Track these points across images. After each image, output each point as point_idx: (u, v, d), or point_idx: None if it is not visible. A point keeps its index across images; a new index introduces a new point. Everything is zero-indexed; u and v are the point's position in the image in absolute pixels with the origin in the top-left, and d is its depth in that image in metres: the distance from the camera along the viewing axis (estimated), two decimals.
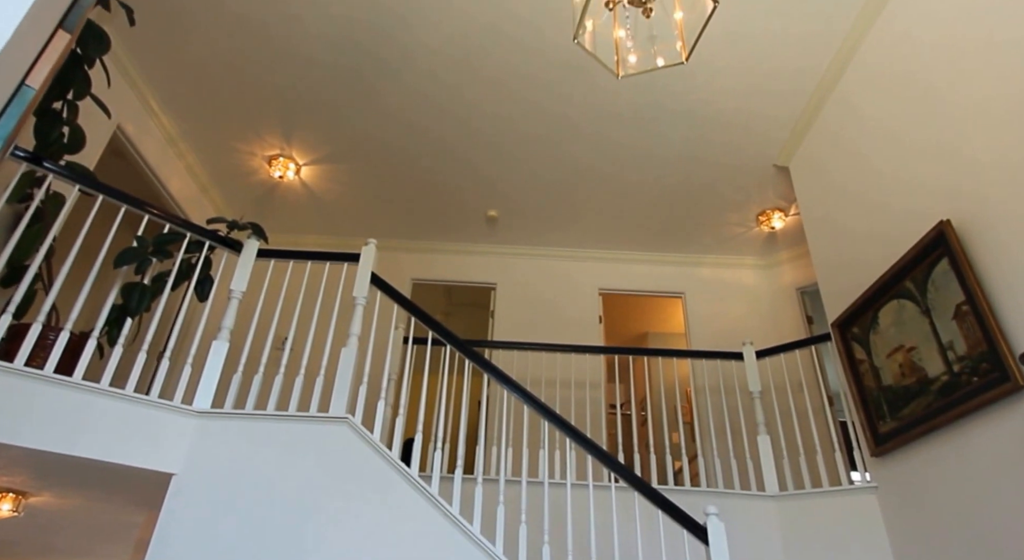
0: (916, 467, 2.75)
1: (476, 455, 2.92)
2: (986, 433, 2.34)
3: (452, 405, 3.59)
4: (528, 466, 3.66)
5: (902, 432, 2.79)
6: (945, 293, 2.55)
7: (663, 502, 2.61)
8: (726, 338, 5.02)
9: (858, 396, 3.15)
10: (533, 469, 4.08)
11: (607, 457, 2.77)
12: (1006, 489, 2.23)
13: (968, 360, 2.41)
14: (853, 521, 3.08)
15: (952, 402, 2.48)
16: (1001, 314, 2.28)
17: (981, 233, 2.40)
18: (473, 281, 5.44)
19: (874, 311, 3.05)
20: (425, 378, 3.13)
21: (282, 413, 2.72)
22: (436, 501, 2.57)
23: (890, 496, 2.95)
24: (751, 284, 5.33)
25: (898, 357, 2.86)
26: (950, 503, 2.52)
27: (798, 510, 3.29)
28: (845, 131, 3.47)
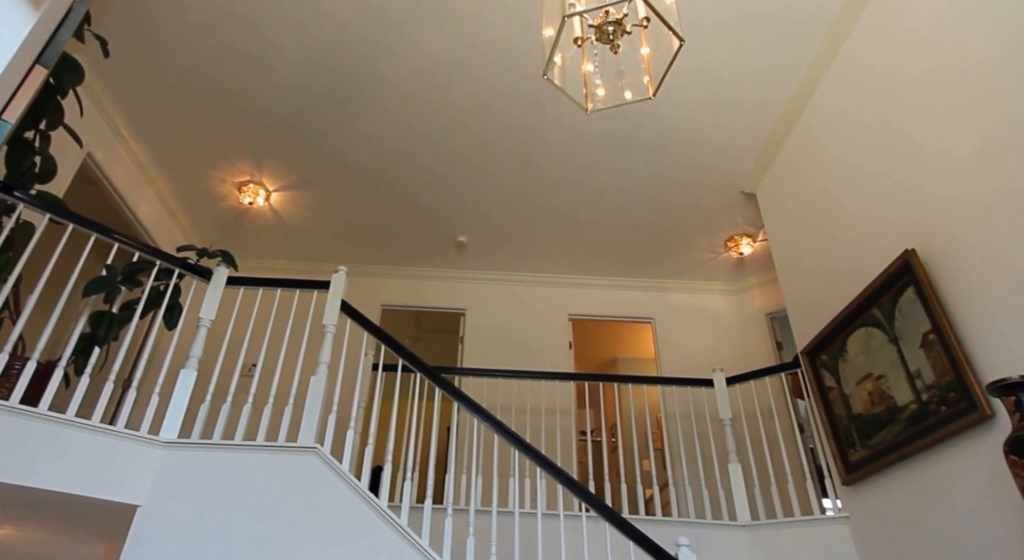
0: (888, 496, 2.71)
1: (446, 484, 2.78)
2: (957, 462, 2.31)
3: (422, 433, 3.45)
4: (498, 495, 3.53)
5: (873, 461, 2.76)
6: (912, 321, 2.55)
7: (634, 533, 2.51)
8: (696, 363, 4.99)
9: (828, 424, 3.12)
10: (503, 498, 3.94)
11: (577, 486, 2.67)
12: (977, 519, 2.19)
13: (936, 389, 2.39)
14: (825, 551, 3.02)
15: (922, 431, 2.46)
16: (967, 343, 2.27)
17: (946, 264, 2.41)
18: (442, 307, 5.33)
19: (843, 339, 3.04)
20: (395, 405, 3.00)
21: (250, 443, 2.58)
22: (406, 533, 2.43)
23: (862, 525, 2.90)
24: (720, 309, 5.34)
25: (867, 385, 2.84)
26: (922, 533, 2.48)
27: (770, 540, 3.22)
28: (808, 163, 3.51)
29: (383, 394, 3.36)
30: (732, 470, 3.53)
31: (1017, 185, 2.11)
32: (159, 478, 2.47)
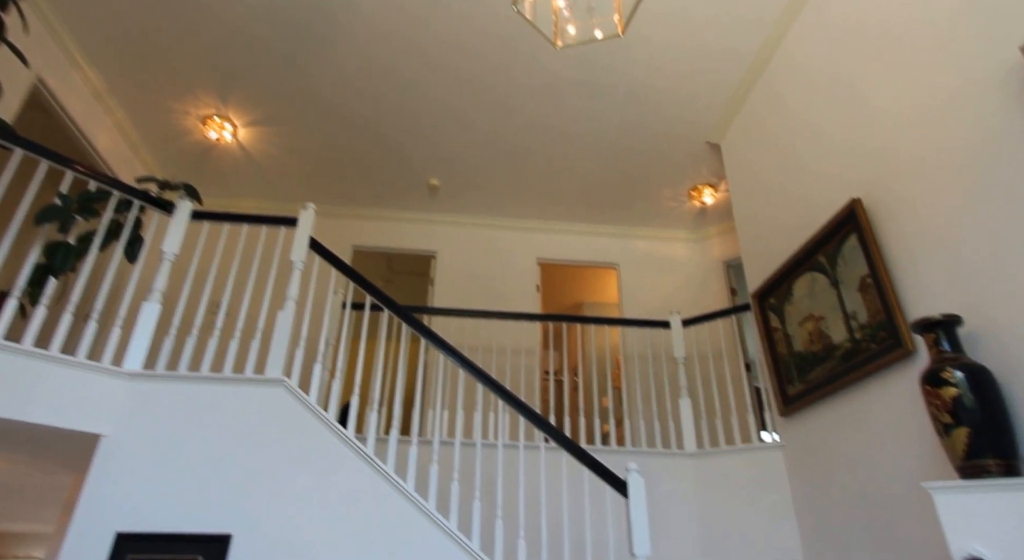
0: (817, 426, 2.90)
1: (412, 418, 2.87)
2: (880, 394, 2.47)
3: (390, 370, 3.51)
4: (463, 428, 3.65)
5: (808, 394, 2.93)
6: (852, 267, 2.66)
7: (588, 460, 2.65)
8: (657, 307, 5.13)
9: (771, 361, 3.28)
10: (468, 431, 4.07)
11: (538, 418, 2.78)
12: (893, 442, 2.37)
13: (868, 328, 2.53)
14: (761, 476, 3.23)
15: (852, 366, 2.61)
16: (899, 287, 2.39)
17: (886, 214, 2.50)
18: (414, 249, 5.32)
19: (789, 283, 3.16)
20: (363, 343, 3.04)
21: (216, 375, 2.59)
22: (372, 461, 2.52)
23: (794, 452, 3.10)
24: (681, 257, 5.45)
25: (808, 325, 2.98)
26: (844, 456, 2.68)
27: (712, 466, 3.43)
28: (770, 115, 3.53)
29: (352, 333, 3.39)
30: (683, 404, 3.71)
31: (952, 145, 2.18)
32: (124, 409, 2.47)
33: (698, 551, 3.29)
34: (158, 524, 2.29)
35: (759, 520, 3.16)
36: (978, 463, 1.82)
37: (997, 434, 1.83)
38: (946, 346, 2.00)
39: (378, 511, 2.43)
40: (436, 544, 2.38)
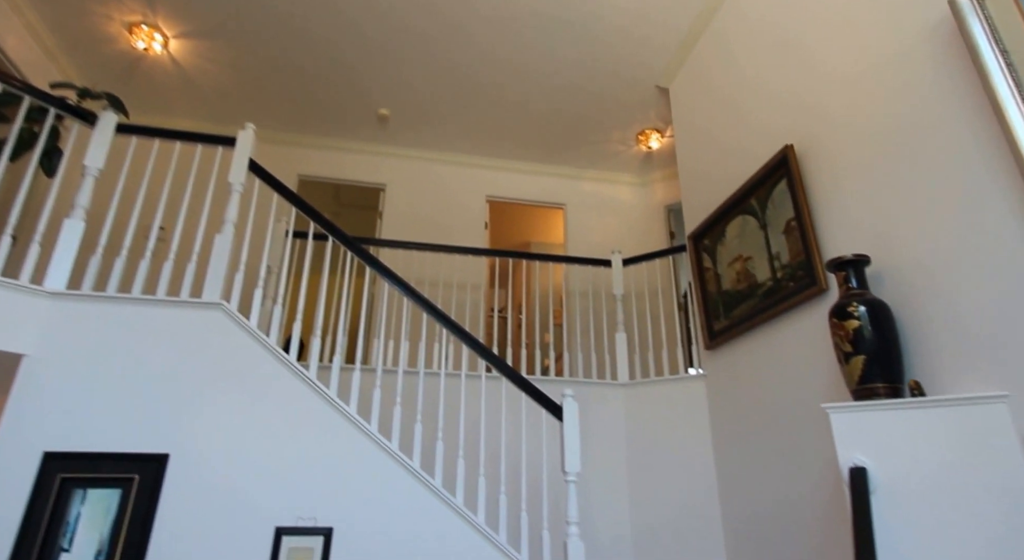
0: (738, 358, 3.10)
1: (357, 347, 2.87)
2: (794, 328, 2.65)
3: (334, 300, 3.47)
4: (407, 358, 3.70)
5: (731, 329, 3.11)
6: (780, 210, 2.77)
7: (527, 387, 2.75)
8: (600, 249, 5.23)
9: (701, 299, 3.43)
10: (412, 361, 4.12)
11: (481, 347, 2.84)
12: (802, 371, 2.57)
13: (789, 268, 2.67)
14: (684, 403, 3.45)
15: (772, 303, 2.77)
16: (819, 230, 2.52)
17: (815, 162, 2.60)
18: (362, 181, 5.15)
19: (723, 225, 3.27)
20: (306, 271, 2.97)
21: (149, 297, 2.49)
22: (313, 384, 2.53)
23: (715, 382, 3.32)
24: (626, 200, 5.52)
25: (737, 265, 3.12)
26: (758, 384, 2.89)
27: (642, 395, 3.63)
28: (716, 63, 3.54)
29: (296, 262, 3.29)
30: (618, 339, 3.87)
31: (877, 99, 2.26)
32: (47, 329, 2.35)
33: (625, 472, 3.52)
34: (91, 444, 2.24)
35: (680, 444, 3.39)
36: (869, 387, 2.00)
37: (887, 362, 2.01)
38: (854, 283, 2.15)
39: (319, 432, 2.46)
40: (378, 462, 2.45)
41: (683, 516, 3.24)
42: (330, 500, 2.36)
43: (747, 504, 2.90)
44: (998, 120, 1.78)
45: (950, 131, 1.97)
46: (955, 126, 1.95)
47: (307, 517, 2.26)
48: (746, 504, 2.91)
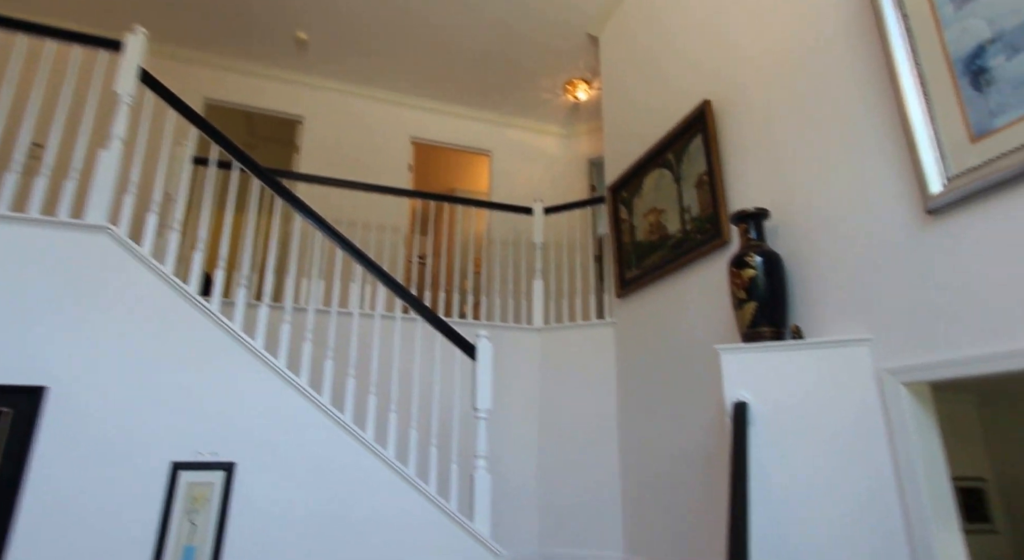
0: (646, 306, 3.22)
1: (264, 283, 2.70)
2: (698, 277, 2.78)
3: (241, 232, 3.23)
4: (323, 296, 3.55)
5: (641, 278, 3.21)
6: (694, 165, 2.84)
7: (442, 326, 2.72)
8: (523, 198, 5.21)
9: (616, 249, 3.52)
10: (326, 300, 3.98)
11: (397, 285, 2.76)
12: (702, 316, 2.72)
13: (698, 221, 2.77)
14: (594, 347, 3.58)
15: (680, 254, 2.88)
16: (728, 184, 2.62)
17: (730, 117, 2.66)
18: (278, 111, 4.77)
19: (641, 178, 3.33)
20: (208, 200, 2.73)
21: (20, 215, 2.19)
22: (215, 316, 2.37)
23: (623, 329, 3.45)
24: (551, 151, 5.50)
25: (651, 217, 3.20)
26: (662, 330, 3.03)
27: (555, 339, 3.72)
28: (644, 13, 3.51)
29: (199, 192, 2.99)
30: (536, 286, 3.91)
31: (785, 70, 2.32)
32: None
33: (536, 412, 3.64)
34: None
35: (588, 385, 3.53)
36: (757, 330, 2.14)
37: (775, 308, 2.15)
38: (754, 235, 2.26)
39: (222, 366, 2.33)
40: (286, 398, 2.36)
41: (586, 451, 3.41)
42: (233, 435, 2.26)
43: (643, 440, 3.09)
44: (893, 92, 1.88)
45: (846, 101, 2.07)
46: (850, 97, 2.05)
47: (208, 452, 2.16)
48: (642, 440, 3.10)
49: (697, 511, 2.57)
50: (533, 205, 4.07)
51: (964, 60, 1.69)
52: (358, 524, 2.27)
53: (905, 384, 1.77)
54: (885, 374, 1.82)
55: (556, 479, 3.45)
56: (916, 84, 1.82)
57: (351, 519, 2.28)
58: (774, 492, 1.87)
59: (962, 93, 1.69)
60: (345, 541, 2.24)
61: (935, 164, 1.73)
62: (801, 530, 1.80)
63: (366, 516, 2.29)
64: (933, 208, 1.72)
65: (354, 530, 2.26)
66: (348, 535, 2.25)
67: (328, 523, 2.25)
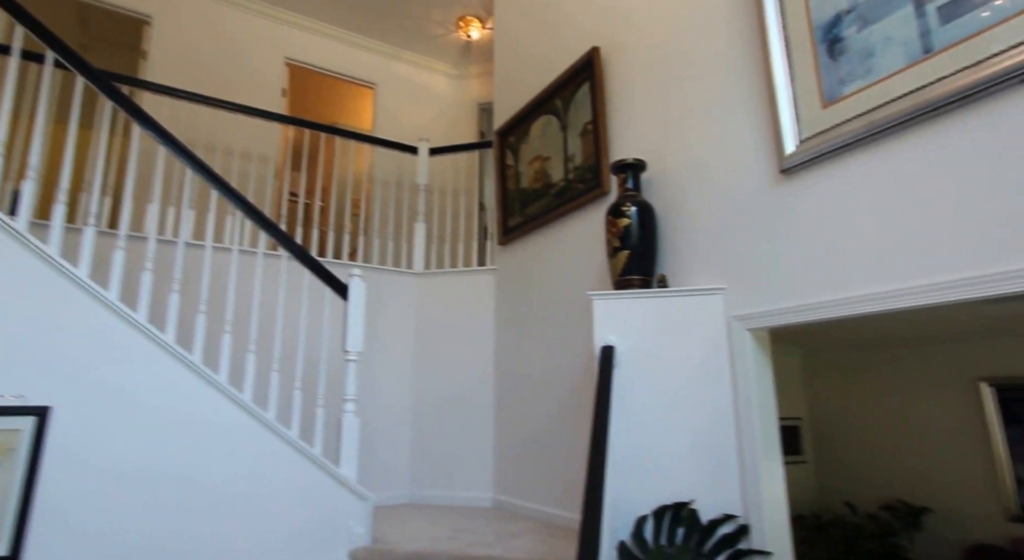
0: (527, 253, 3.24)
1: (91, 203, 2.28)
2: (578, 226, 2.82)
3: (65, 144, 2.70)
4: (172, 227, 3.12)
5: (524, 225, 3.21)
6: (581, 113, 2.83)
7: (311, 263, 2.52)
8: (409, 138, 4.94)
9: (501, 195, 3.47)
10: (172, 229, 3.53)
11: (257, 213, 2.48)
12: (579, 261, 2.78)
13: (581, 170, 2.79)
14: (474, 293, 3.56)
15: (562, 202, 2.90)
16: (612, 134, 2.64)
17: (617, 65, 2.67)
18: (118, 5, 4.01)
19: (528, 124, 3.27)
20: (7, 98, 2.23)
21: None
22: (25, 239, 1.96)
23: (504, 275, 3.45)
24: (440, 91, 5.25)
25: (536, 165, 3.17)
26: (542, 277, 3.07)
27: (436, 285, 3.64)
28: None
29: None
30: (417, 229, 3.77)
31: (673, 24, 2.35)
32: None
33: (412, 356, 3.56)
34: None
35: (466, 331, 3.52)
36: (627, 278, 2.22)
37: (645, 257, 2.23)
38: (631, 185, 2.31)
39: (31, 298, 1.95)
40: (118, 335, 2.05)
41: (461, 395, 3.43)
42: (49, 377, 1.93)
43: (519, 385, 3.16)
44: (763, 54, 1.97)
45: (722, 60, 2.14)
46: (726, 56, 2.12)
47: (10, 395, 1.82)
48: (518, 385, 3.17)
49: (567, 452, 2.70)
50: (418, 144, 3.87)
51: (823, 27, 1.80)
52: (206, 472, 2.08)
53: (750, 330, 1.94)
54: (733, 321, 1.98)
55: (430, 423, 3.45)
56: (782, 47, 1.91)
57: (198, 467, 2.08)
58: (633, 425, 1.99)
59: (820, 59, 1.80)
60: (191, 492, 2.05)
61: (791, 126, 1.85)
62: (654, 455, 1.94)
63: (216, 464, 2.10)
64: (786, 167, 1.85)
65: (201, 479, 2.07)
66: (194, 486, 2.06)
67: (171, 474, 2.04)
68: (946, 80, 1.46)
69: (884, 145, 1.61)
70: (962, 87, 1.42)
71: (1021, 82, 1.35)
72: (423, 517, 2.82)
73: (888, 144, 1.60)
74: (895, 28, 1.61)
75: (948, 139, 1.47)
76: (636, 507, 1.89)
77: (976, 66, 1.41)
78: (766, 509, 1.82)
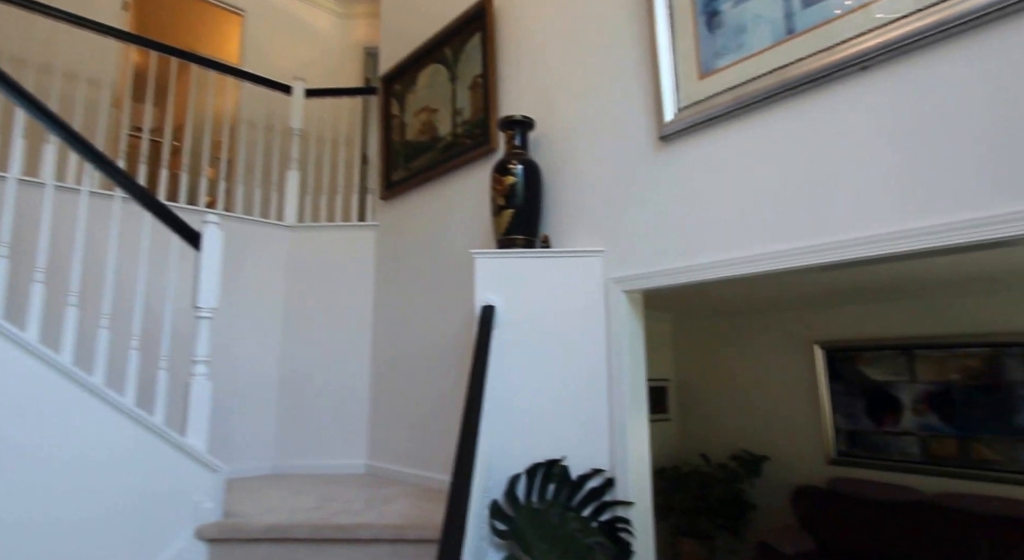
0: (411, 209, 3.12)
1: None
2: (464, 183, 2.76)
3: None
4: None
5: (408, 180, 3.08)
6: (471, 65, 2.74)
7: (154, 205, 2.22)
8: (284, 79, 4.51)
9: (384, 147, 3.30)
10: None
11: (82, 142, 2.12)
12: (465, 222, 2.75)
13: (469, 125, 2.71)
14: (352, 251, 3.38)
15: (449, 158, 2.81)
16: (503, 89, 2.59)
17: (511, 16, 2.59)
18: None
19: (416, 72, 3.11)
20: None
21: None
22: None
23: (386, 232, 3.31)
24: (322, 29, 4.83)
25: (423, 116, 3.04)
26: (426, 235, 3.00)
27: (309, 239, 3.41)
28: None
29: None
30: (290, 177, 3.49)
31: None
32: None
33: (280, 317, 3.33)
34: None
35: (342, 291, 3.35)
36: (511, 237, 2.21)
37: (529, 217, 2.24)
38: (519, 143, 2.28)
39: None
40: None
41: (335, 358, 3.28)
42: None
43: (398, 347, 3.08)
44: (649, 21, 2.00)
45: (611, 23, 2.15)
46: (616, 19, 2.14)
47: None
48: (397, 347, 3.09)
49: (448, 415, 2.68)
50: (293, 84, 3.54)
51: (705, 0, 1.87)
52: (11, 445, 1.79)
53: (625, 292, 2.03)
54: (611, 283, 2.05)
55: (301, 388, 3.26)
56: (667, 15, 1.96)
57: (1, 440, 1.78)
58: (511, 385, 2.01)
59: (699, 31, 1.87)
60: None
61: (672, 94, 1.91)
62: (531, 415, 1.99)
63: (25, 435, 1.82)
64: (664, 134, 1.92)
65: (5, 453, 1.78)
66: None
67: None
68: (804, 61, 1.58)
69: (750, 120, 1.72)
70: (816, 69, 1.54)
71: (863, 69, 1.49)
72: (287, 487, 2.69)
73: (753, 119, 1.71)
74: (765, 6, 1.70)
75: (802, 118, 1.60)
76: (513, 467, 1.93)
77: (828, 50, 1.53)
78: (631, 463, 1.94)
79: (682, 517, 4.61)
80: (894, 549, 3.59)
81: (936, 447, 3.68)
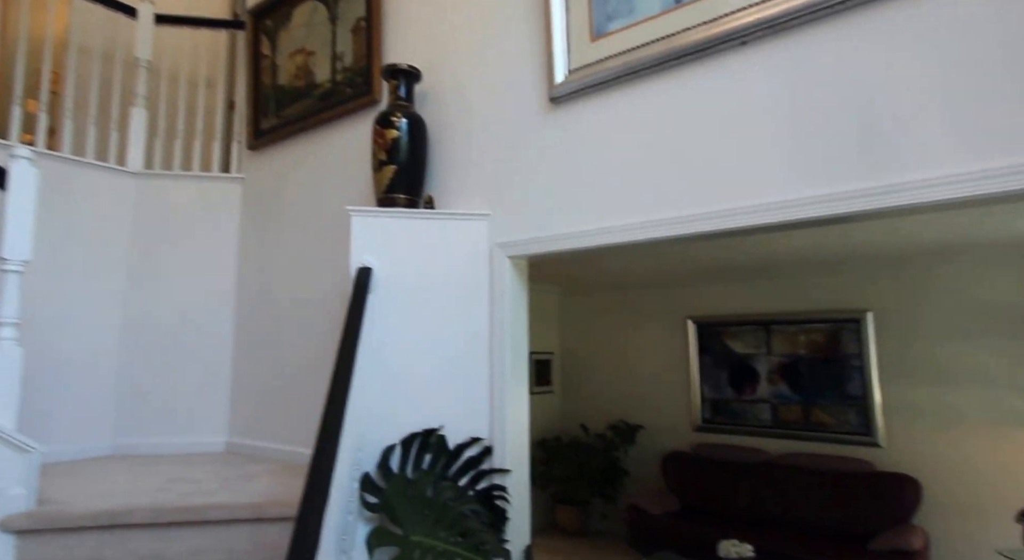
0: (283, 161, 2.88)
1: None
2: (343, 135, 2.59)
3: None
4: None
5: (280, 128, 2.84)
6: (353, 5, 2.55)
7: None
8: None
9: (253, 91, 3.00)
10: None
11: None
12: (343, 176, 2.59)
13: (350, 72, 2.54)
14: (213, 204, 3.07)
15: (327, 107, 2.62)
16: (388, 35, 2.44)
17: None
18: None
19: (290, 7, 2.85)
20: None
21: None
22: None
23: (254, 184, 3.04)
24: None
25: (298, 59, 2.80)
26: (300, 189, 2.79)
27: (160, 189, 3.03)
28: None
29: None
30: (135, 115, 3.07)
31: None
32: None
33: (122, 278, 2.94)
34: None
35: (201, 249, 3.02)
36: (392, 196, 2.11)
37: (413, 175, 2.14)
38: (403, 94, 2.17)
39: None
40: None
41: (190, 324, 2.97)
42: None
43: (264, 308, 2.85)
44: None
45: None
46: None
47: None
48: (263, 308, 2.86)
49: (320, 386, 2.53)
50: (139, 6, 3.09)
51: None
52: None
53: (510, 258, 2.01)
54: (496, 248, 2.03)
55: (148, 356, 2.93)
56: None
57: None
58: (388, 353, 1.93)
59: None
60: None
61: (563, 55, 1.90)
62: (409, 384, 1.93)
63: None
64: (554, 96, 1.91)
65: None
66: None
67: None
68: (689, 31, 1.63)
69: (639, 86, 1.75)
70: (700, 40, 1.60)
71: (742, 43, 1.56)
72: (127, 469, 2.41)
73: (642, 86, 1.74)
74: None
75: (687, 88, 1.66)
76: (390, 438, 1.87)
77: (712, 22, 1.59)
78: (510, 432, 1.96)
79: (561, 486, 4.83)
80: (745, 503, 4.03)
81: (784, 413, 4.15)
